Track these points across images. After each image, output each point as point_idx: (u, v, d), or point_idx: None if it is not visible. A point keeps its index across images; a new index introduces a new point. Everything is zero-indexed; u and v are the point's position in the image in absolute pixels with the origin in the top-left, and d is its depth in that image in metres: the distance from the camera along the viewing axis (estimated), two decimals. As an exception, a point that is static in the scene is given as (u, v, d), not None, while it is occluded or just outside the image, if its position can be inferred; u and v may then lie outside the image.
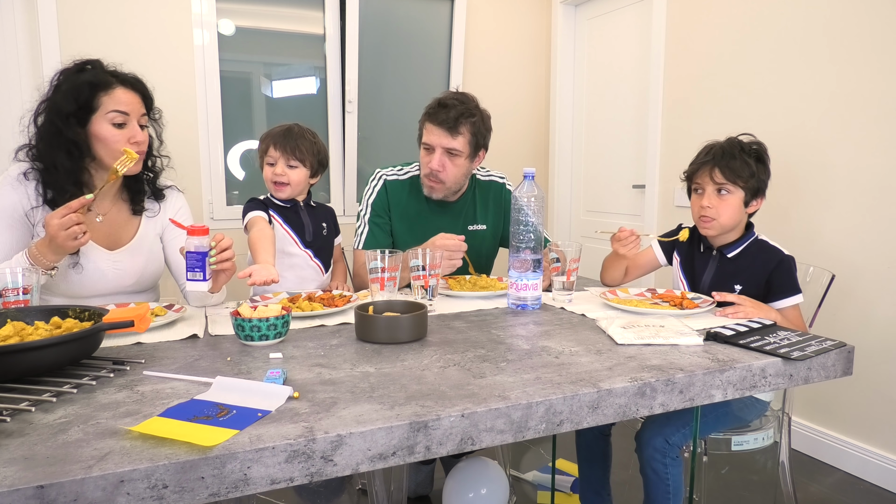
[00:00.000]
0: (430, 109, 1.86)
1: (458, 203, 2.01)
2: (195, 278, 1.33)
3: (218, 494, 0.74)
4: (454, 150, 1.83)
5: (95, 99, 1.45)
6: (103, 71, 1.50)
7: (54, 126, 1.44)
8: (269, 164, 1.77)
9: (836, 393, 2.40)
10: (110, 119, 1.47)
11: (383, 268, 1.44)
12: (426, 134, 1.86)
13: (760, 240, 1.63)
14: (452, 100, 1.83)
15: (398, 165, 2.02)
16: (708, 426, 1.56)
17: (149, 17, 2.92)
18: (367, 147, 3.52)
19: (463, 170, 1.88)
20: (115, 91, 1.47)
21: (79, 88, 1.44)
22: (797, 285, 1.56)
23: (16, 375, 0.94)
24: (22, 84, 2.79)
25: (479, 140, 1.87)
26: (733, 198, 1.56)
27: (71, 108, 1.43)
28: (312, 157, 1.78)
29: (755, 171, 1.55)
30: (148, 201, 1.66)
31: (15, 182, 1.47)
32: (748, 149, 1.59)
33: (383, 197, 1.96)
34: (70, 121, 1.44)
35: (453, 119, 1.80)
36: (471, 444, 0.88)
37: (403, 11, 3.55)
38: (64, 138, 1.44)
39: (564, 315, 1.46)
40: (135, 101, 1.51)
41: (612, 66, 3.57)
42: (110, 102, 1.46)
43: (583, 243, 1.81)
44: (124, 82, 1.50)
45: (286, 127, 1.79)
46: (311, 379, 1.00)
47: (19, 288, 1.23)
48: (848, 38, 2.30)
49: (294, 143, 1.75)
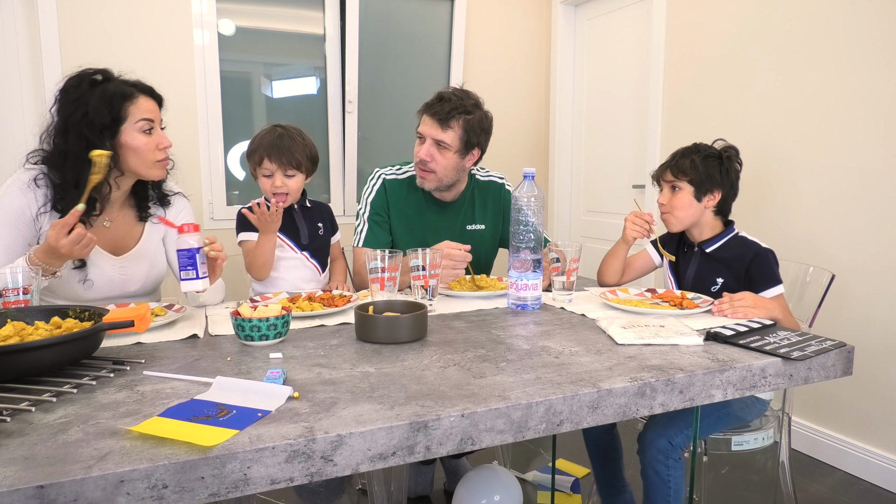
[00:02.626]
0: (428, 101, 1.89)
1: (457, 203, 2.01)
2: (188, 277, 1.32)
3: (218, 494, 0.74)
4: (443, 143, 1.84)
5: (123, 110, 1.48)
6: (122, 81, 1.52)
7: (86, 140, 1.44)
8: (265, 176, 1.73)
9: (836, 393, 2.40)
10: (139, 128, 1.49)
11: (383, 268, 1.44)
12: (421, 124, 1.89)
13: (740, 236, 1.70)
14: (451, 94, 1.85)
15: (397, 165, 2.02)
16: (708, 426, 1.57)
17: (149, 17, 2.93)
18: (367, 147, 3.53)
19: (452, 164, 1.87)
20: (138, 100, 1.50)
21: (111, 101, 1.46)
22: (777, 276, 1.61)
23: (16, 375, 0.94)
24: (22, 85, 2.79)
25: (472, 138, 1.86)
26: (683, 193, 1.68)
27: (106, 121, 1.45)
28: (307, 159, 1.75)
29: (701, 168, 1.66)
30: (154, 207, 1.67)
31: (25, 187, 1.47)
32: (703, 149, 1.70)
33: (382, 196, 1.97)
34: (105, 133, 1.46)
35: (445, 112, 1.82)
36: (471, 444, 0.88)
37: (403, 11, 3.55)
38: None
39: (564, 315, 1.46)
40: (154, 108, 1.54)
41: (612, 67, 3.57)
42: (137, 112, 1.49)
43: (583, 243, 1.82)
44: (144, 91, 1.53)
45: (276, 134, 1.73)
46: (311, 379, 1.00)
47: (19, 288, 1.23)
48: (849, 37, 2.30)
49: (288, 151, 1.70)
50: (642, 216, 1.76)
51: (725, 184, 1.68)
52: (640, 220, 1.76)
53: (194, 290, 1.34)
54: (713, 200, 1.67)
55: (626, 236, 1.78)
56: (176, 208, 1.71)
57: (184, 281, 1.33)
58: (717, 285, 1.66)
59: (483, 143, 1.92)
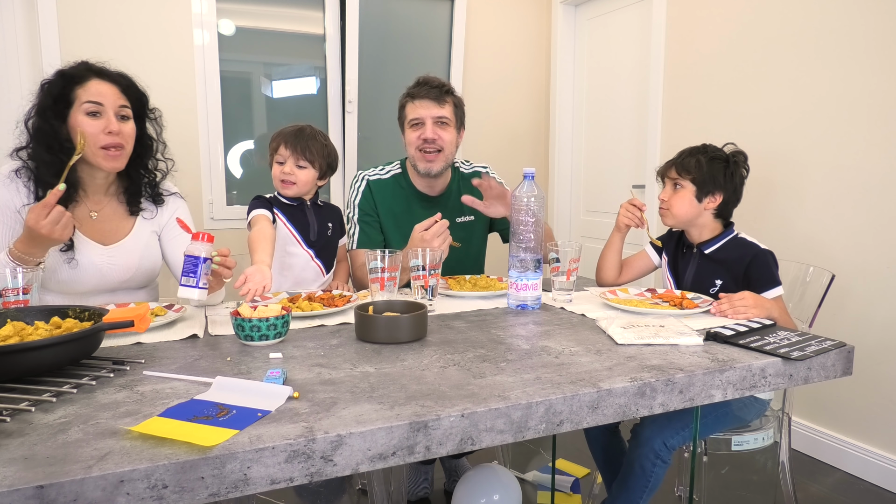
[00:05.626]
0: (410, 90, 1.91)
1: (443, 196, 2.02)
2: (188, 283, 1.31)
3: (218, 494, 0.74)
4: (444, 118, 1.87)
5: (71, 92, 1.48)
6: (82, 66, 1.52)
7: (39, 123, 1.48)
8: (278, 162, 1.78)
9: (836, 393, 2.40)
10: (84, 110, 1.48)
11: (383, 268, 1.44)
12: (412, 111, 1.89)
13: (739, 237, 1.69)
14: (430, 77, 1.90)
15: (378, 166, 2.04)
16: (708, 427, 1.57)
17: (149, 17, 2.92)
18: (367, 147, 3.52)
19: (455, 140, 1.92)
20: (89, 83, 1.49)
21: (53, 83, 1.48)
22: (776, 278, 1.60)
23: (16, 375, 0.94)
24: (22, 84, 2.79)
25: (460, 115, 1.93)
26: (685, 191, 1.67)
27: (48, 103, 1.47)
28: (322, 158, 1.79)
29: (706, 168, 1.65)
30: (146, 202, 1.66)
31: (6, 180, 1.49)
32: (712, 151, 1.69)
33: (368, 197, 1.98)
34: (48, 114, 1.47)
35: (438, 89, 1.87)
36: (471, 444, 0.88)
37: (403, 11, 3.55)
38: (44, 133, 1.47)
39: (564, 315, 1.46)
40: (111, 92, 1.51)
41: (612, 66, 3.57)
42: (84, 94, 1.48)
43: (583, 243, 1.82)
44: (100, 74, 1.52)
45: (298, 127, 1.80)
46: (311, 379, 1.00)
47: (19, 288, 1.23)
48: (851, 37, 2.30)
49: (305, 143, 1.76)
50: (635, 203, 1.77)
51: (728, 188, 1.67)
52: (633, 207, 1.77)
53: (190, 298, 1.33)
54: (713, 203, 1.67)
55: (618, 223, 1.80)
56: (170, 208, 1.70)
57: (183, 286, 1.33)
58: (715, 286, 1.66)
59: (464, 123, 1.99)
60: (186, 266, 1.32)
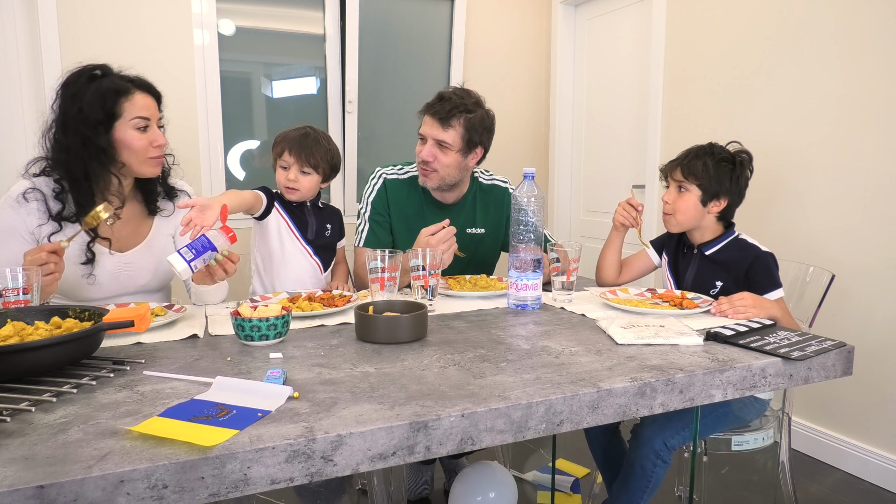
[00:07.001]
0: (429, 101, 1.88)
1: (458, 205, 2.00)
2: (185, 256, 1.32)
3: (218, 494, 0.74)
4: (444, 143, 1.83)
5: (118, 106, 1.48)
6: (119, 77, 1.52)
7: (81, 136, 1.45)
8: (282, 167, 1.77)
9: (836, 393, 2.40)
10: (134, 125, 1.49)
11: (383, 268, 1.44)
12: (422, 125, 1.88)
13: (740, 238, 1.68)
14: (452, 94, 1.84)
15: (399, 165, 2.02)
16: (708, 427, 1.57)
17: (149, 17, 2.93)
18: (367, 147, 3.53)
19: (455, 163, 1.87)
20: (134, 96, 1.50)
21: (104, 96, 1.46)
22: (776, 280, 1.60)
23: (16, 375, 0.94)
24: (22, 85, 2.79)
25: (474, 137, 1.86)
26: (690, 195, 1.65)
27: (99, 117, 1.45)
28: (326, 163, 1.78)
29: (713, 173, 1.63)
30: (162, 201, 1.67)
31: (14, 203, 1.48)
32: (718, 152, 1.66)
33: (383, 195, 1.97)
34: (99, 129, 1.46)
35: (446, 112, 1.82)
36: (471, 444, 0.88)
37: (403, 11, 3.55)
38: (94, 147, 1.46)
39: (564, 315, 1.46)
40: (152, 104, 1.54)
41: (612, 66, 3.57)
42: (132, 108, 1.49)
43: (583, 243, 1.82)
44: (141, 87, 1.53)
45: (303, 132, 1.78)
46: (311, 379, 1.00)
47: (19, 288, 1.23)
48: (851, 38, 2.30)
49: (309, 149, 1.74)
50: (632, 203, 1.77)
51: (734, 191, 1.65)
52: (630, 207, 1.77)
53: (175, 267, 1.33)
54: (718, 207, 1.65)
55: (615, 222, 1.80)
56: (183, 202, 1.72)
57: (179, 255, 1.32)
58: (716, 288, 1.65)
59: (486, 142, 1.91)
60: (196, 243, 1.32)
